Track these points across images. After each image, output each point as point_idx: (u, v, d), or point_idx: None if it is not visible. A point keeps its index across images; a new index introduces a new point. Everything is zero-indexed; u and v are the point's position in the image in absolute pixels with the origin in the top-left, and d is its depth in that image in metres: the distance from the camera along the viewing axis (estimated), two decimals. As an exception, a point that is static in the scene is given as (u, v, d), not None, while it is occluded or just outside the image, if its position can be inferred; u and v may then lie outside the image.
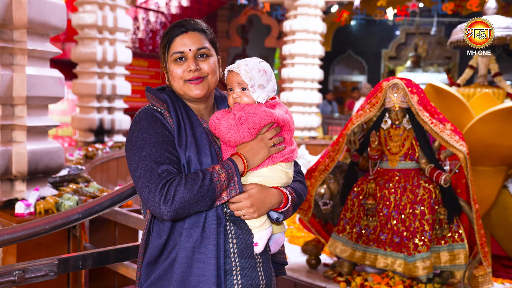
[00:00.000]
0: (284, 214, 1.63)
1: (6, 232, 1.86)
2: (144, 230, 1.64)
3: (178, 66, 1.59)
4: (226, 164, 1.52)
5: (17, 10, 3.21)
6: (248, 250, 1.60)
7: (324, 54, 9.45)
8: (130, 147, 1.54)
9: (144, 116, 1.57)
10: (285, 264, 1.83)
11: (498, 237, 4.48)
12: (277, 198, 1.59)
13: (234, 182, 1.51)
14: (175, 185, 1.45)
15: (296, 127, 9.09)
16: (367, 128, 3.74)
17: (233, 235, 1.58)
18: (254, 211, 1.54)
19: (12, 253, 3.08)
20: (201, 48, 1.60)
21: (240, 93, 1.61)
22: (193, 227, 1.52)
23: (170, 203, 1.44)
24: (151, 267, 1.59)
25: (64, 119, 9.89)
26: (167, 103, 1.59)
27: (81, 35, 7.45)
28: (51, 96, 3.49)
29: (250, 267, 1.60)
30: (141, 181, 1.48)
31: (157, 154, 1.50)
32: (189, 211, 1.47)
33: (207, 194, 1.47)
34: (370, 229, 3.55)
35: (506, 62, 11.96)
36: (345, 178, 3.81)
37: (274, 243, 1.72)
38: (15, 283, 1.74)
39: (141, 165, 1.49)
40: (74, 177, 4.28)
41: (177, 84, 1.61)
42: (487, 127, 3.92)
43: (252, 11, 13.47)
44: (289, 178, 1.67)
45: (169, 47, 1.60)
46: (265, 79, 1.62)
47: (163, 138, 1.53)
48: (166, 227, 1.55)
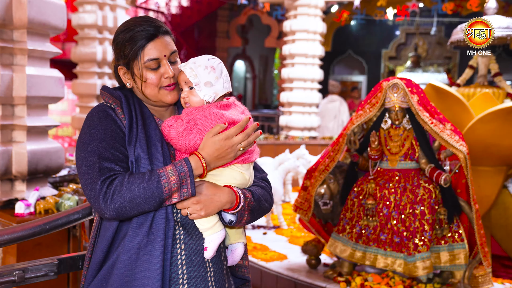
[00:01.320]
0: (238, 217, 1.52)
1: (6, 232, 1.86)
2: (92, 233, 1.56)
3: (153, 72, 1.52)
4: (180, 166, 1.42)
5: (17, 10, 3.21)
6: (197, 258, 1.50)
7: (324, 54, 9.45)
8: (78, 144, 1.48)
9: (95, 113, 1.51)
10: (247, 280, 1.71)
11: (498, 237, 4.48)
12: (228, 197, 1.49)
13: (187, 185, 1.42)
14: (116, 183, 1.38)
15: (296, 127, 9.16)
16: (367, 128, 3.74)
17: (182, 240, 1.48)
18: (201, 209, 1.45)
19: (12, 253, 3.08)
20: (173, 52, 1.56)
21: (188, 92, 1.55)
22: (139, 227, 1.44)
23: (109, 202, 1.36)
24: (96, 272, 1.48)
25: (64, 119, 9.89)
26: (120, 99, 1.53)
27: (81, 35, 7.45)
28: (51, 96, 3.48)
29: (199, 277, 1.49)
30: (84, 178, 1.42)
31: (102, 150, 1.43)
32: (132, 211, 1.39)
33: (152, 196, 1.38)
34: (370, 229, 3.55)
35: (506, 62, 11.95)
36: (345, 178, 3.81)
37: (231, 254, 1.62)
38: (15, 283, 1.74)
39: (86, 161, 1.42)
40: (74, 177, 4.28)
41: (151, 91, 1.53)
42: (487, 127, 3.92)
43: (252, 11, 13.46)
44: (245, 180, 1.57)
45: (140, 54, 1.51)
46: (213, 76, 1.53)
47: (111, 134, 1.46)
48: (112, 227, 1.46)
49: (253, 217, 1.57)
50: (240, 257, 1.64)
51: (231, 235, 1.61)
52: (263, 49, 15.49)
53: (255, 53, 15.90)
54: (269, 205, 1.64)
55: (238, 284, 1.70)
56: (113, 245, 1.47)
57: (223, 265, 1.59)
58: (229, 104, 1.57)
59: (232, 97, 1.63)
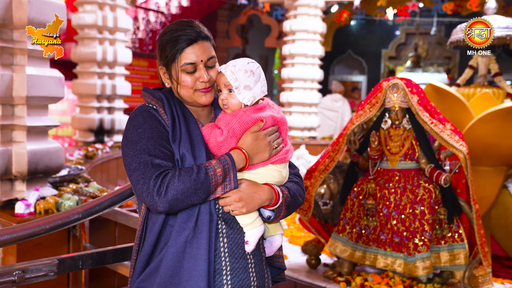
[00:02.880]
0: (276, 212, 1.61)
1: (6, 232, 1.86)
2: (139, 227, 1.63)
3: (189, 75, 1.58)
4: (223, 159, 1.51)
5: (17, 10, 3.21)
6: (239, 250, 1.58)
7: (324, 54, 9.45)
8: (125, 143, 1.55)
9: (139, 113, 1.58)
10: (283, 269, 1.80)
11: (498, 237, 4.48)
12: (267, 195, 1.57)
13: (229, 177, 1.51)
14: (169, 177, 1.45)
15: (296, 127, 9.16)
16: (367, 128, 3.74)
17: (224, 234, 1.56)
18: (242, 206, 1.53)
19: (12, 253, 3.08)
20: (211, 58, 1.60)
21: (227, 94, 1.60)
22: (185, 222, 1.52)
23: (163, 195, 1.44)
24: (145, 264, 1.58)
25: (64, 119, 9.90)
26: (162, 100, 1.60)
27: (81, 35, 7.45)
28: (51, 96, 3.49)
29: (241, 268, 1.58)
30: (135, 174, 1.49)
31: (151, 148, 1.50)
32: (183, 204, 1.47)
33: (201, 187, 1.46)
34: (370, 229, 3.55)
35: (506, 62, 11.95)
36: (345, 178, 3.81)
37: (270, 245, 1.70)
38: (15, 283, 1.74)
39: (136, 158, 1.50)
40: (74, 177, 4.28)
41: (186, 92, 1.60)
42: (487, 127, 3.92)
43: (252, 11, 13.46)
44: (282, 177, 1.65)
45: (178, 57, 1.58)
46: (252, 80, 1.60)
47: (157, 133, 1.53)
48: (159, 222, 1.54)
49: (289, 211, 1.66)
50: (277, 247, 1.73)
51: (269, 227, 1.69)
52: (263, 49, 15.48)
53: (255, 53, 15.89)
54: (303, 199, 1.73)
55: (274, 274, 1.78)
56: (161, 239, 1.56)
57: (262, 256, 1.67)
58: (264, 106, 1.64)
59: (267, 98, 1.70)
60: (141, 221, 1.62)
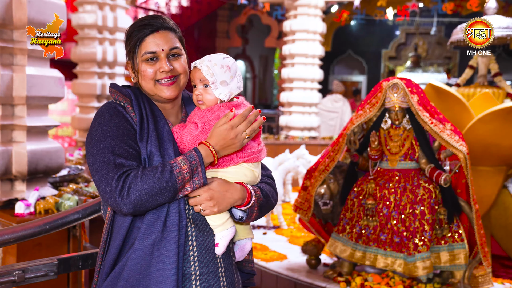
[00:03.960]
0: (248, 213, 1.55)
1: (6, 232, 1.86)
2: (104, 230, 1.56)
3: (149, 66, 1.54)
4: (190, 155, 1.45)
5: (17, 10, 3.21)
6: (209, 254, 1.53)
7: (324, 54, 9.44)
8: (89, 140, 1.50)
9: (105, 110, 1.52)
10: (253, 274, 1.75)
11: (498, 237, 4.48)
12: (240, 193, 1.52)
13: (198, 173, 1.45)
14: (131, 177, 1.40)
15: (296, 127, 9.16)
16: (367, 128, 3.74)
17: (193, 237, 1.51)
18: (214, 205, 1.47)
19: (12, 253, 3.08)
20: (173, 48, 1.56)
21: (202, 90, 1.56)
22: (153, 223, 1.46)
23: (125, 196, 1.38)
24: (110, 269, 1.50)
25: (64, 119, 9.89)
26: (130, 97, 1.55)
27: (81, 35, 7.45)
28: (51, 96, 3.48)
29: (211, 273, 1.52)
30: (98, 174, 1.43)
31: (116, 147, 1.44)
32: (148, 204, 1.41)
33: (166, 186, 1.40)
34: (370, 229, 3.55)
35: (506, 62, 11.95)
36: (345, 178, 3.81)
37: (239, 249, 1.65)
38: (15, 283, 1.74)
39: (99, 158, 1.44)
40: (74, 177, 4.28)
41: (147, 85, 1.56)
42: (487, 127, 3.92)
43: (252, 11, 13.46)
44: (255, 177, 1.61)
45: (139, 47, 1.54)
46: (229, 75, 1.56)
47: (123, 131, 1.48)
48: (125, 224, 1.48)
49: (261, 213, 1.61)
50: (248, 252, 1.68)
51: (239, 231, 1.64)
52: (263, 49, 15.48)
53: (255, 53, 15.89)
54: (275, 201, 1.68)
55: (244, 279, 1.73)
56: (127, 242, 1.49)
57: (232, 261, 1.62)
58: (239, 104, 1.60)
59: (241, 97, 1.66)
60: (107, 223, 1.55)
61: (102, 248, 1.55)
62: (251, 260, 1.73)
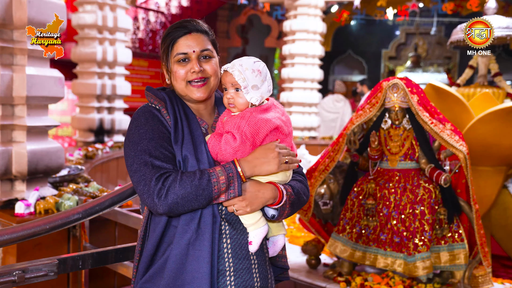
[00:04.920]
0: (280, 211, 1.59)
1: (6, 232, 1.86)
2: (141, 227, 1.63)
3: (181, 67, 1.59)
4: (228, 167, 1.50)
5: (17, 10, 3.21)
6: (242, 251, 1.58)
7: (324, 54, 9.45)
8: (127, 143, 1.55)
9: (141, 113, 1.58)
10: (286, 269, 1.79)
11: (498, 237, 4.48)
12: (271, 193, 1.56)
13: (234, 186, 1.50)
14: (170, 180, 1.45)
15: (296, 127, 9.15)
16: (367, 128, 3.74)
17: (227, 235, 1.56)
18: (246, 205, 1.52)
19: (12, 253, 3.08)
20: (205, 50, 1.60)
21: (234, 94, 1.59)
22: (188, 223, 1.51)
23: (163, 198, 1.44)
24: (148, 264, 1.58)
25: (64, 119, 9.89)
26: (165, 100, 1.59)
27: (81, 35, 7.45)
28: (51, 96, 3.49)
29: (244, 269, 1.57)
30: (137, 175, 1.49)
31: (152, 149, 1.50)
32: (183, 208, 1.46)
33: (202, 194, 1.46)
34: (370, 229, 3.55)
35: (506, 62, 11.95)
36: (345, 178, 3.81)
37: (273, 245, 1.69)
38: (15, 283, 1.74)
39: (137, 159, 1.50)
40: (74, 177, 4.28)
41: (179, 85, 1.61)
42: (487, 127, 3.92)
43: (252, 11, 13.46)
44: (286, 177, 1.64)
45: (172, 48, 1.60)
46: (260, 79, 1.60)
47: (158, 134, 1.53)
48: (161, 223, 1.54)
49: (293, 210, 1.65)
50: (281, 248, 1.72)
51: (272, 227, 1.68)
52: (263, 49, 15.48)
53: (255, 53, 15.88)
54: (307, 197, 1.72)
55: (277, 273, 1.78)
56: (163, 240, 1.56)
57: (266, 257, 1.67)
58: (269, 107, 1.63)
59: (272, 98, 1.69)
60: (143, 221, 1.62)
61: (139, 244, 1.63)
62: (284, 255, 1.78)
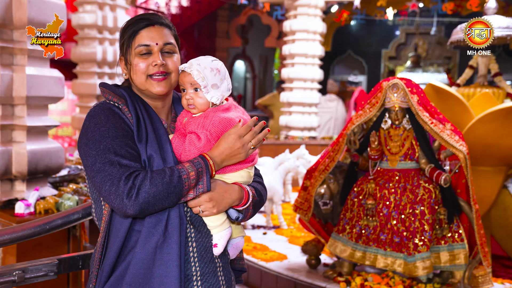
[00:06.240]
0: (244, 213, 1.58)
1: (6, 232, 1.86)
2: (101, 234, 1.54)
3: (142, 60, 1.53)
4: (197, 162, 1.46)
5: (17, 10, 3.21)
6: (208, 254, 1.54)
7: (324, 54, 9.44)
8: (86, 142, 1.46)
9: (100, 111, 1.50)
10: (243, 271, 1.76)
11: (498, 237, 4.48)
12: (238, 194, 1.54)
13: (203, 181, 1.46)
14: (140, 179, 1.39)
15: (296, 127, 9.15)
16: (367, 128, 3.74)
17: (193, 238, 1.52)
18: (213, 206, 1.49)
19: (12, 253, 3.08)
20: (168, 44, 1.55)
21: (193, 94, 1.55)
22: (154, 226, 1.46)
23: (134, 198, 1.37)
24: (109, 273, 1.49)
25: (64, 119, 9.88)
26: (125, 97, 1.53)
27: (81, 35, 7.45)
28: (51, 96, 3.48)
29: (211, 272, 1.54)
30: (100, 175, 1.40)
31: (117, 148, 1.42)
32: (154, 207, 1.41)
33: (174, 191, 1.41)
34: (370, 229, 3.55)
35: (506, 62, 11.94)
36: (345, 178, 3.81)
37: (233, 247, 1.67)
38: (15, 283, 1.74)
39: (100, 158, 1.41)
40: (74, 177, 4.28)
41: (139, 79, 1.54)
42: (487, 127, 3.92)
43: (252, 11, 13.45)
44: (250, 178, 1.63)
45: (133, 40, 1.53)
46: (219, 78, 1.56)
47: (122, 132, 1.46)
48: (123, 228, 1.47)
49: (254, 212, 1.64)
50: (240, 250, 1.71)
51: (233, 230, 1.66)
52: (263, 49, 15.47)
53: (255, 53, 15.88)
54: (265, 199, 1.71)
55: (235, 276, 1.75)
56: (126, 245, 1.49)
57: (228, 259, 1.64)
58: (230, 107, 1.60)
59: (230, 99, 1.65)
60: (103, 227, 1.53)
61: (99, 251, 1.53)
62: (242, 257, 1.76)
